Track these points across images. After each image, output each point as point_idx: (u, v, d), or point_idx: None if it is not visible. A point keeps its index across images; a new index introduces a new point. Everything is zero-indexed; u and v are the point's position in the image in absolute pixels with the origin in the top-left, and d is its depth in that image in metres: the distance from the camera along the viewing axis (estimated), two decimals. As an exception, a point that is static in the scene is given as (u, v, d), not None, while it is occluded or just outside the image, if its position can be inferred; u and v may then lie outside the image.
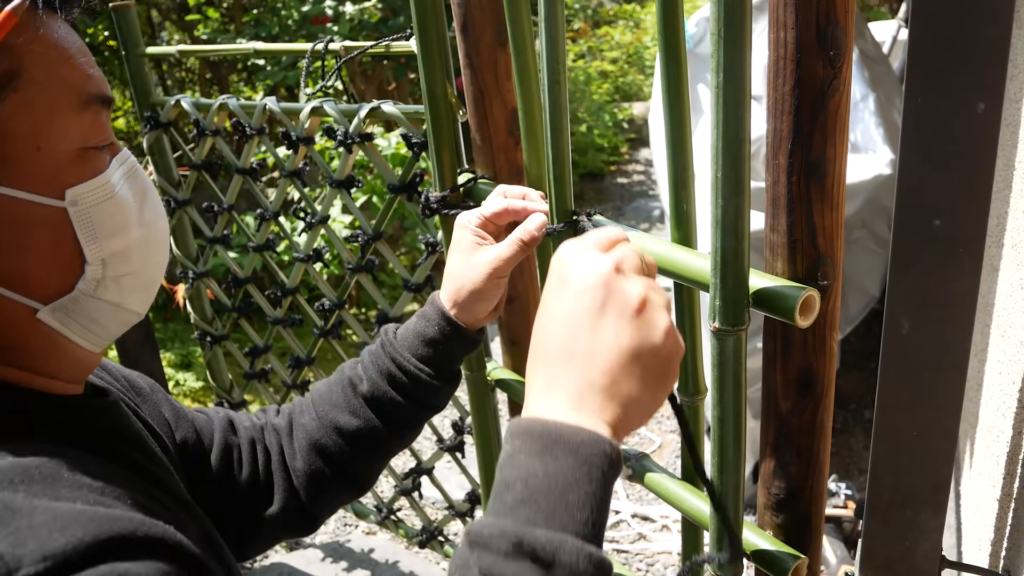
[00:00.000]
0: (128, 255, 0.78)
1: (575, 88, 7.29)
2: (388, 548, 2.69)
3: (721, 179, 0.80)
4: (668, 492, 1.14)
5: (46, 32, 0.71)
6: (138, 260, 0.80)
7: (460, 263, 1.06)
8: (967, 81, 0.66)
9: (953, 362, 0.76)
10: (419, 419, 1.11)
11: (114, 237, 0.76)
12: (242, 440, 1.09)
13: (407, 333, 1.08)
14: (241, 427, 1.10)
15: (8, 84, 0.68)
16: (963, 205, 0.70)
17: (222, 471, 1.05)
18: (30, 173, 0.70)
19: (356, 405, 1.07)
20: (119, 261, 0.77)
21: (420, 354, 1.07)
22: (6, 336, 0.74)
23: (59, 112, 0.72)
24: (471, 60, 1.35)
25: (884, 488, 0.85)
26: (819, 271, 0.87)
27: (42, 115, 0.70)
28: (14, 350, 0.75)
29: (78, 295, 0.75)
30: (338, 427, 1.08)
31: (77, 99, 0.73)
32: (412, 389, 1.07)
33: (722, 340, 0.87)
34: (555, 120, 1.04)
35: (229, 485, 1.05)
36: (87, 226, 0.74)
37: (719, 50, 0.75)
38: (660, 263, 0.97)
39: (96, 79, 0.76)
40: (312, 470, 1.08)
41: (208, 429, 1.07)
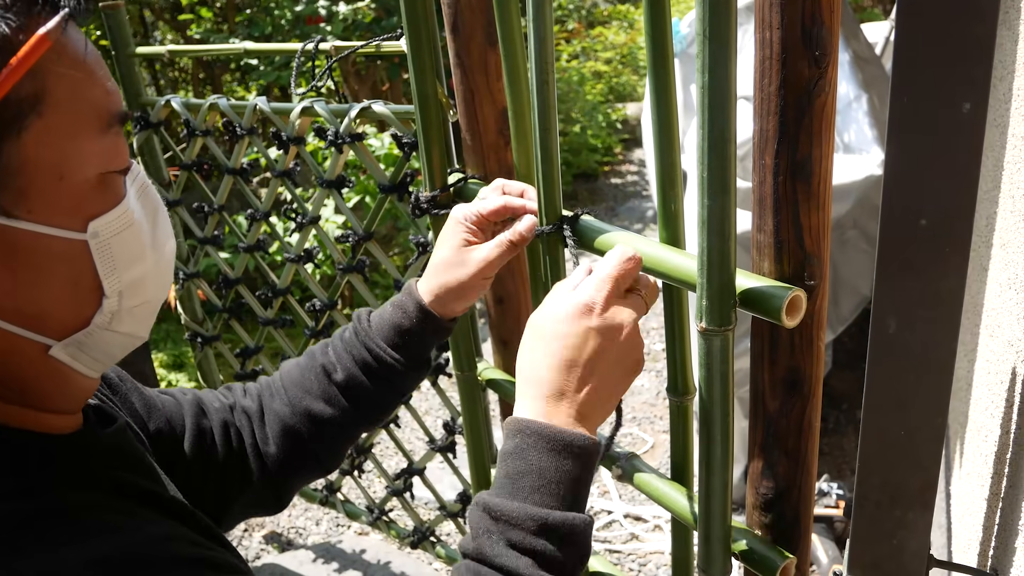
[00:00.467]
0: (144, 283, 0.74)
1: (569, 88, 7.29)
2: (380, 548, 2.69)
3: (707, 179, 0.80)
4: (657, 492, 1.14)
5: (70, 48, 0.64)
6: (152, 288, 0.75)
7: (448, 259, 1.07)
8: (953, 80, 0.66)
9: (940, 361, 0.76)
10: (391, 404, 1.13)
11: (131, 267, 0.72)
12: (214, 423, 1.07)
13: (382, 323, 1.09)
14: (211, 409, 1.08)
15: (32, 109, 0.62)
16: (949, 204, 0.70)
17: (195, 456, 1.03)
18: (52, 205, 0.65)
19: (331, 393, 1.08)
20: (135, 291, 0.73)
21: (394, 343, 1.07)
22: (12, 374, 0.69)
23: (82, 137, 0.65)
24: (461, 60, 1.35)
25: (872, 487, 0.85)
26: (806, 271, 0.87)
27: (65, 141, 0.64)
28: (19, 388, 0.70)
29: (93, 329, 0.71)
30: (311, 414, 1.08)
31: (99, 121, 0.67)
32: (385, 376, 1.08)
33: (709, 340, 0.87)
34: (544, 120, 1.04)
35: (202, 469, 1.04)
36: (107, 258, 0.69)
37: (704, 50, 0.75)
38: (647, 263, 0.97)
39: (115, 95, 0.69)
40: (285, 456, 1.08)
41: (178, 414, 1.04)
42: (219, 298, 2.27)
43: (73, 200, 0.66)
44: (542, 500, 0.77)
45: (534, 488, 0.77)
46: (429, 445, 1.97)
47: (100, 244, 0.68)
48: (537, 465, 0.78)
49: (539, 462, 0.78)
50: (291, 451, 1.08)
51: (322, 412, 1.08)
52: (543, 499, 0.77)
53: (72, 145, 0.65)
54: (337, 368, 1.08)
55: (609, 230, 1.05)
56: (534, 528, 0.75)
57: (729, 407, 0.91)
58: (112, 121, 0.68)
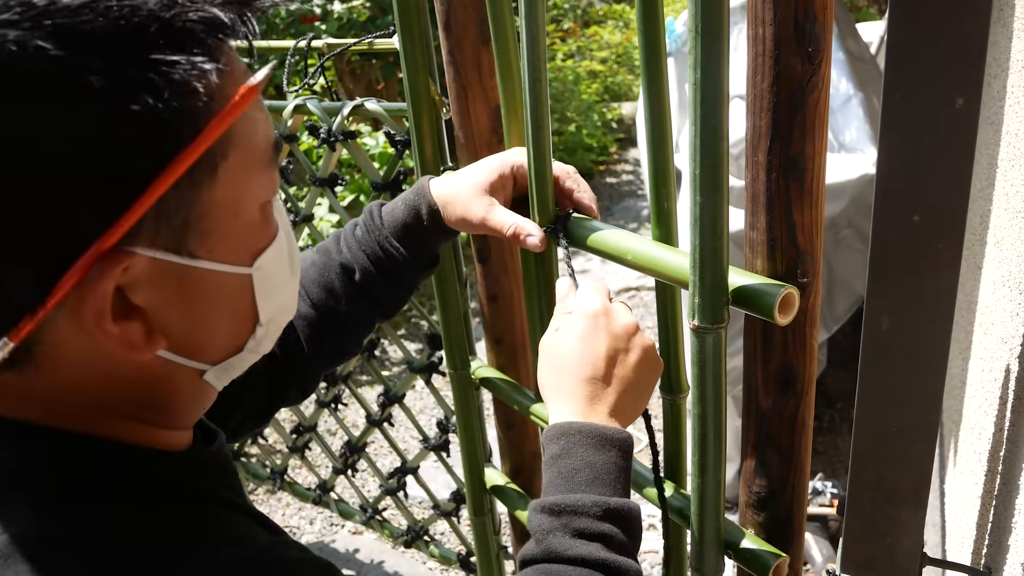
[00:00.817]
0: (287, 306, 0.75)
1: (564, 88, 7.28)
2: (374, 548, 2.69)
3: (700, 176, 0.79)
4: (650, 490, 1.13)
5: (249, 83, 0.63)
6: (291, 307, 0.76)
7: (470, 192, 1.08)
8: (946, 76, 0.66)
9: (933, 358, 0.76)
10: (403, 298, 1.16)
11: (279, 292, 0.72)
12: None
13: (394, 221, 1.10)
14: None
15: (223, 152, 0.61)
16: (942, 201, 0.70)
17: None
18: (228, 244, 0.65)
19: (351, 292, 1.10)
20: (281, 315, 0.74)
21: (406, 241, 1.10)
22: (162, 398, 0.69)
23: (254, 173, 0.65)
24: (454, 58, 1.35)
25: (865, 485, 0.84)
26: (799, 268, 0.87)
27: (243, 180, 0.64)
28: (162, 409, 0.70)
29: (244, 353, 0.72)
30: (337, 313, 1.10)
31: (265, 156, 0.66)
32: (398, 274, 1.11)
33: (702, 338, 0.87)
34: (536, 117, 1.04)
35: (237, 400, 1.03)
36: (264, 288, 0.70)
37: (696, 46, 0.75)
38: (640, 261, 0.96)
39: (271, 122, 0.69)
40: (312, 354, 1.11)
41: None
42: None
43: (244, 237, 0.67)
44: (600, 490, 0.82)
45: (589, 481, 0.83)
46: (423, 444, 1.97)
47: (261, 276, 0.69)
48: (587, 460, 0.84)
49: (588, 457, 0.84)
50: (318, 348, 1.11)
51: (346, 312, 1.10)
52: (600, 489, 0.83)
53: (247, 182, 0.64)
54: (356, 269, 1.10)
55: (601, 228, 1.05)
56: (600, 513, 0.81)
57: (722, 405, 0.90)
58: (273, 153, 0.68)
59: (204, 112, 0.58)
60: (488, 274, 1.49)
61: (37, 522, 0.61)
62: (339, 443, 3.02)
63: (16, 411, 0.64)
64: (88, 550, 0.60)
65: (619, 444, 0.86)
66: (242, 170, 0.63)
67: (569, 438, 0.85)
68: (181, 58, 0.55)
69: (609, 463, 0.84)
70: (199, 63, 0.56)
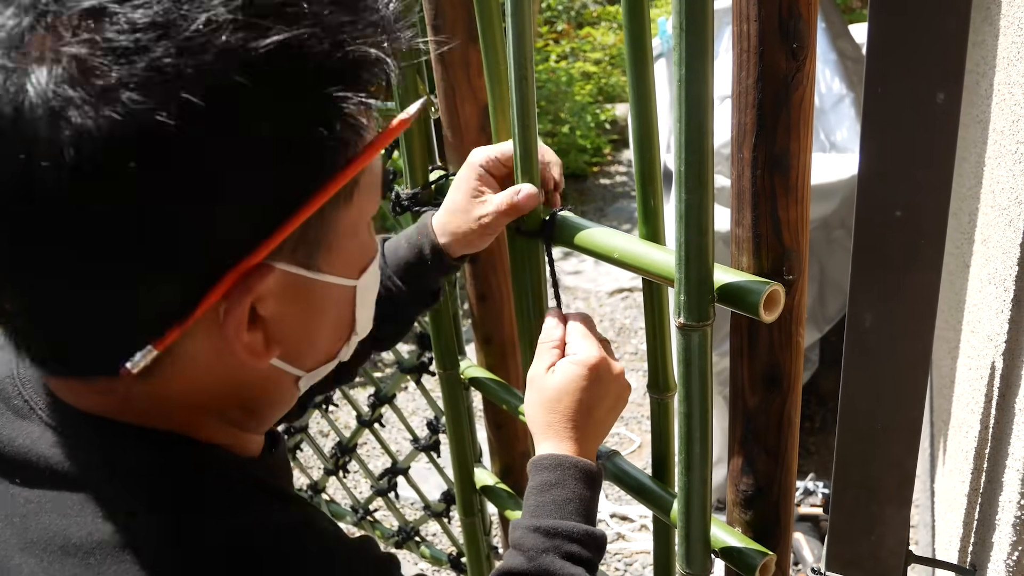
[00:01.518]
0: (371, 315, 0.77)
1: (557, 89, 7.28)
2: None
3: (685, 173, 0.79)
4: (637, 489, 1.13)
5: None
6: (372, 317, 0.78)
7: (458, 204, 1.09)
8: (927, 72, 0.66)
9: (916, 355, 0.76)
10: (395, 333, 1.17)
11: (371, 304, 0.76)
12: None
13: (396, 258, 1.11)
14: None
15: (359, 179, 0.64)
16: (924, 196, 0.70)
17: None
18: (345, 259, 0.68)
19: None
20: (365, 323, 0.76)
21: (404, 277, 1.10)
22: (261, 402, 0.72)
23: (373, 194, 0.68)
24: (442, 56, 1.34)
25: (849, 483, 0.84)
26: (784, 266, 0.87)
27: (365, 201, 0.67)
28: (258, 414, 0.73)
29: (333, 361, 0.75)
30: None
31: (380, 177, 0.69)
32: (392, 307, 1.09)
33: (687, 336, 0.86)
34: (523, 116, 1.04)
35: None
36: (364, 299, 0.73)
37: (681, 43, 0.75)
38: (627, 259, 0.96)
39: None
40: None
41: None
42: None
43: (357, 252, 0.70)
44: (587, 520, 0.91)
45: (579, 512, 0.91)
46: (413, 444, 1.96)
47: (363, 288, 0.72)
48: (578, 493, 0.92)
49: (579, 490, 0.92)
50: None
51: None
52: (587, 519, 0.91)
53: (367, 203, 0.67)
54: None
55: (589, 226, 1.05)
56: (589, 542, 0.89)
57: (708, 403, 0.90)
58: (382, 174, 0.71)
59: (358, 142, 0.61)
60: (477, 274, 1.49)
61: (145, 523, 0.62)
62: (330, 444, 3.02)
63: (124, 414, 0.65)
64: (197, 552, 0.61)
65: (598, 480, 0.95)
66: (367, 192, 0.66)
67: (565, 471, 0.92)
68: (351, 93, 0.58)
69: (593, 497, 0.94)
70: (364, 98, 0.59)
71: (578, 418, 0.96)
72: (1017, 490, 0.77)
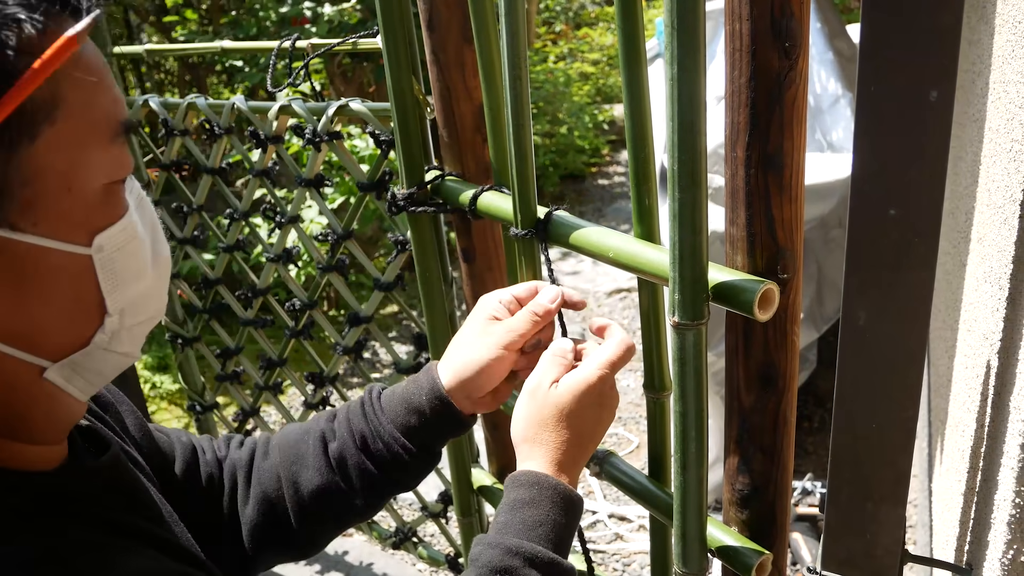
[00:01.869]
0: (147, 300, 0.70)
1: (556, 90, 7.28)
2: (363, 550, 2.68)
3: (678, 172, 0.79)
4: (634, 488, 1.13)
5: (87, 53, 0.61)
6: (154, 304, 0.72)
7: (472, 330, 1.00)
8: (920, 70, 0.66)
9: (910, 352, 0.76)
10: (385, 492, 1.02)
11: (134, 283, 0.68)
12: (202, 472, 1.00)
13: (392, 398, 1.00)
14: (202, 459, 1.01)
15: (47, 116, 0.58)
16: (918, 194, 0.69)
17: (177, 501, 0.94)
18: (59, 218, 0.61)
19: (322, 464, 0.99)
20: (137, 308, 0.69)
21: (401, 423, 0.98)
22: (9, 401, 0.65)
23: (92, 146, 0.62)
24: (437, 57, 1.34)
25: (844, 482, 0.84)
26: (779, 264, 0.87)
27: (76, 150, 0.61)
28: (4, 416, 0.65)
29: (92, 349, 0.67)
30: (297, 484, 0.99)
31: (109, 129, 0.64)
32: (382, 459, 0.99)
33: (682, 335, 0.86)
34: (517, 116, 1.04)
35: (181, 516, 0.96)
36: (110, 273, 0.65)
37: (673, 42, 0.74)
38: (621, 258, 0.96)
39: (123, 102, 0.66)
40: (261, 522, 1.00)
41: (170, 454, 0.98)
42: (200, 299, 2.26)
43: (80, 212, 0.63)
44: (556, 548, 0.85)
45: (548, 537, 0.85)
46: (411, 445, 1.96)
47: (104, 259, 0.65)
48: (552, 517, 0.86)
49: (554, 515, 0.86)
50: (268, 519, 1.00)
51: (308, 483, 0.99)
52: (556, 548, 0.85)
53: (82, 154, 0.62)
54: (335, 438, 1.00)
55: (584, 226, 1.04)
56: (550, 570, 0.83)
57: (703, 402, 0.90)
58: (120, 129, 0.65)
59: (15, 68, 0.55)
60: (474, 274, 1.49)
61: None
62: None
63: None
64: None
65: (577, 509, 0.90)
66: (75, 141, 0.60)
67: (542, 490, 0.87)
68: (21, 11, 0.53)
69: (569, 525, 0.88)
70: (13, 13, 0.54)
71: (571, 439, 0.91)
72: (1012, 488, 0.77)
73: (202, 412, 2.47)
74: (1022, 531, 0.77)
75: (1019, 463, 0.75)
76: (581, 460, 0.92)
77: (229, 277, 2.30)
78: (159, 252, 0.72)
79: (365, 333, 1.86)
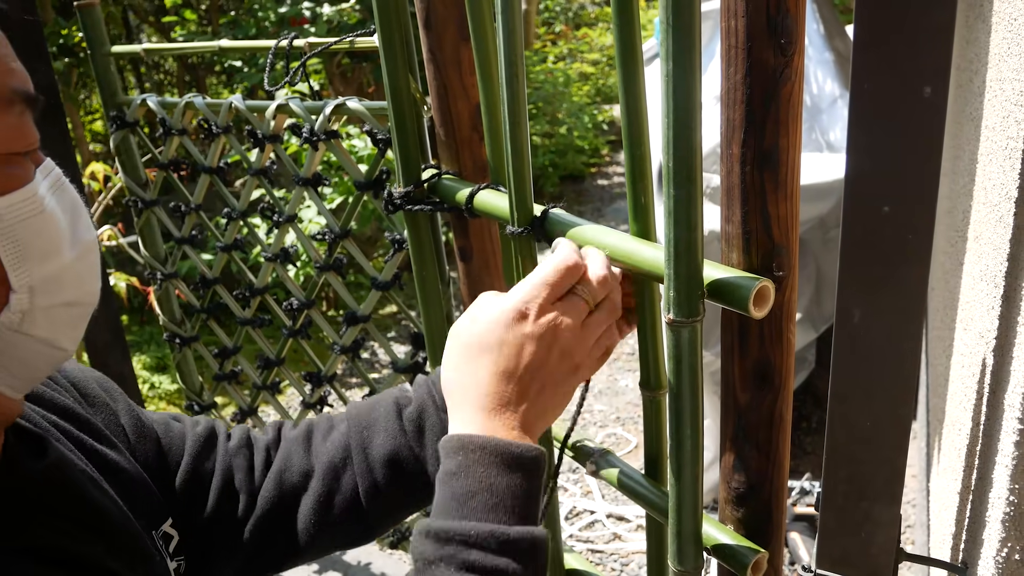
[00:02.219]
0: (61, 282, 0.67)
1: (555, 90, 7.29)
2: (361, 549, 2.68)
3: (673, 168, 0.79)
4: (630, 487, 1.13)
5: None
6: (73, 288, 0.69)
7: None
8: (913, 65, 0.66)
9: (905, 350, 0.76)
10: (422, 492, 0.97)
11: (45, 261, 0.65)
12: (217, 464, 0.96)
13: None
14: (221, 448, 0.97)
15: None
16: (912, 191, 0.69)
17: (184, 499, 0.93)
18: None
19: (394, 427, 0.95)
20: (51, 289, 0.66)
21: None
22: None
23: None
24: (434, 55, 1.34)
25: (839, 480, 0.84)
26: (774, 262, 0.87)
27: None
28: None
29: (1, 330, 0.64)
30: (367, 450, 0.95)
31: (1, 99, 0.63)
32: None
33: (677, 332, 0.86)
34: (514, 114, 1.03)
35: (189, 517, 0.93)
36: (12, 246, 0.63)
37: (668, 38, 0.74)
38: (617, 255, 0.96)
39: (19, 74, 0.65)
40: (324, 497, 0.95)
41: (179, 446, 0.94)
42: (197, 299, 2.25)
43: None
44: (500, 517, 0.72)
45: (488, 507, 0.72)
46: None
47: (3, 229, 0.63)
48: (487, 482, 0.72)
49: (488, 479, 0.72)
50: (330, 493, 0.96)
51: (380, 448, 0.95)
52: (499, 516, 0.72)
53: None
54: (410, 402, 0.97)
55: (579, 223, 1.04)
56: (495, 546, 0.70)
57: (698, 400, 0.90)
58: (14, 99, 0.64)
59: None
60: (471, 273, 1.49)
61: None
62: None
63: None
64: None
65: (527, 464, 0.75)
66: None
67: (468, 454, 0.73)
68: None
69: (513, 486, 0.73)
70: None
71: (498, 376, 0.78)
72: (1006, 486, 0.77)
73: (200, 412, 2.47)
74: (1016, 529, 0.77)
75: (1013, 460, 0.75)
76: (520, 400, 0.78)
77: (228, 277, 2.30)
78: (81, 236, 0.70)
79: (363, 333, 1.86)
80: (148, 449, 0.91)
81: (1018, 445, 0.74)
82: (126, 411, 0.91)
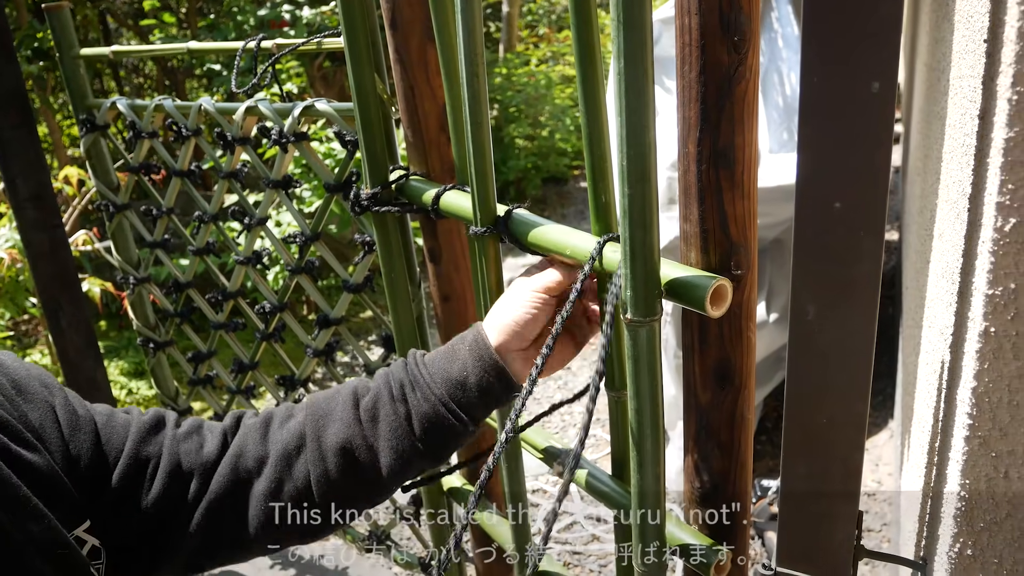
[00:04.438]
0: None
1: (537, 93, 7.29)
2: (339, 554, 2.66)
3: (627, 167, 0.78)
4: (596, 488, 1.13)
5: None
6: None
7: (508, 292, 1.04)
8: (861, 61, 0.66)
9: (858, 347, 0.75)
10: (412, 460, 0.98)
11: None
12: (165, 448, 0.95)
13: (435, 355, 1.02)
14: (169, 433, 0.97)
15: None
16: (862, 187, 0.69)
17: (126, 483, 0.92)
18: None
19: (349, 417, 0.97)
20: None
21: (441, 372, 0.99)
22: None
23: None
24: (401, 56, 1.33)
25: (797, 478, 0.84)
26: (732, 260, 0.87)
27: None
28: None
29: None
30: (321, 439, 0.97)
31: None
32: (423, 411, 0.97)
33: (635, 331, 0.86)
34: (475, 114, 1.03)
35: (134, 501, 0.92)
36: None
37: (619, 36, 0.74)
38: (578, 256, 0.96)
39: None
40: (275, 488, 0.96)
41: (120, 435, 0.93)
42: (171, 303, 2.24)
43: None
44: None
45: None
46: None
47: None
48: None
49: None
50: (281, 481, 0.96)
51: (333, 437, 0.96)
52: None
53: None
54: (367, 392, 0.99)
55: (542, 223, 1.04)
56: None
57: (658, 400, 0.89)
58: None
59: None
60: (440, 274, 1.48)
61: None
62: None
63: None
64: None
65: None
66: None
67: None
68: None
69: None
70: None
71: None
72: (958, 481, 0.77)
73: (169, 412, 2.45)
74: (968, 524, 0.77)
75: (963, 456, 0.75)
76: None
77: (204, 281, 2.28)
78: None
79: (336, 335, 1.85)
80: (83, 440, 0.90)
81: (968, 440, 0.74)
82: (63, 405, 0.90)
